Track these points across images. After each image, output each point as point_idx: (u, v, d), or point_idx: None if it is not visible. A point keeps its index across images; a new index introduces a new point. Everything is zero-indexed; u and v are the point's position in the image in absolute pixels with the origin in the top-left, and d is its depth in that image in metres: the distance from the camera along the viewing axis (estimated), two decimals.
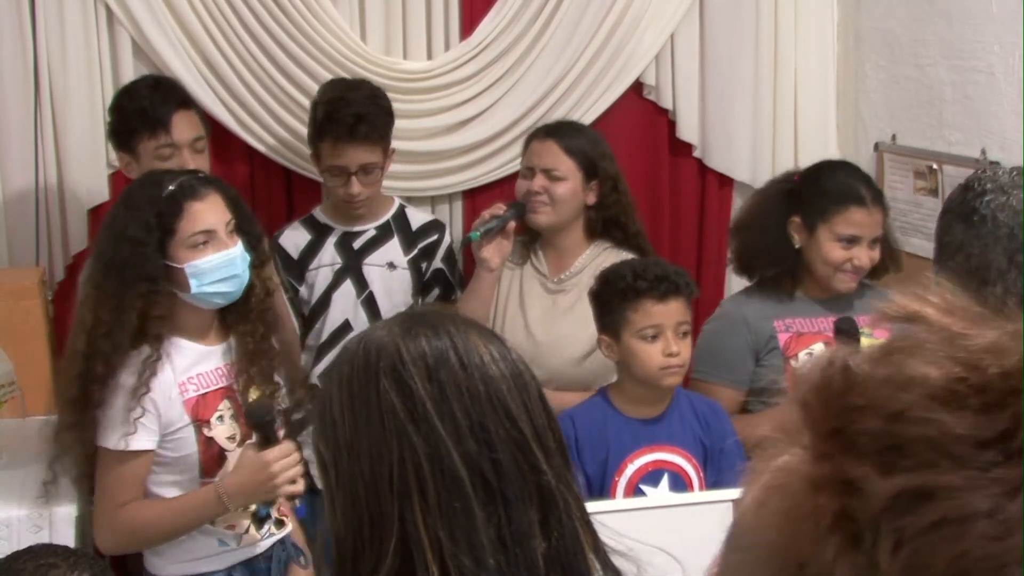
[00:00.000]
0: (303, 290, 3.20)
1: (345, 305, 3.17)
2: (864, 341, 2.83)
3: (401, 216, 3.28)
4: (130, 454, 2.42)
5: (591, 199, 3.07)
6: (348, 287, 3.19)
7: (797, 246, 2.86)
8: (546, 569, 1.19)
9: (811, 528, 0.55)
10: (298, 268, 3.19)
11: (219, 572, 2.53)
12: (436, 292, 3.28)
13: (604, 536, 1.27)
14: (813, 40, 3.71)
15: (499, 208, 3.04)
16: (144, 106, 2.95)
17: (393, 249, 3.23)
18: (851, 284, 2.86)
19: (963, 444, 0.53)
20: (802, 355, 2.83)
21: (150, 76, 3.20)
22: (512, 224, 3.03)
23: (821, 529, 0.54)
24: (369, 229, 3.22)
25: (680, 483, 2.59)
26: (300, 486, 2.41)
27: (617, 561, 1.27)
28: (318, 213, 3.26)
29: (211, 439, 2.46)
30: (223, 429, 2.47)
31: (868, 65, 3.62)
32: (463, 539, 1.16)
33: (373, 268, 3.20)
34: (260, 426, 2.41)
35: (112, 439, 2.41)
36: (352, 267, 3.19)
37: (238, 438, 2.49)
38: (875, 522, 0.53)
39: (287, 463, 2.38)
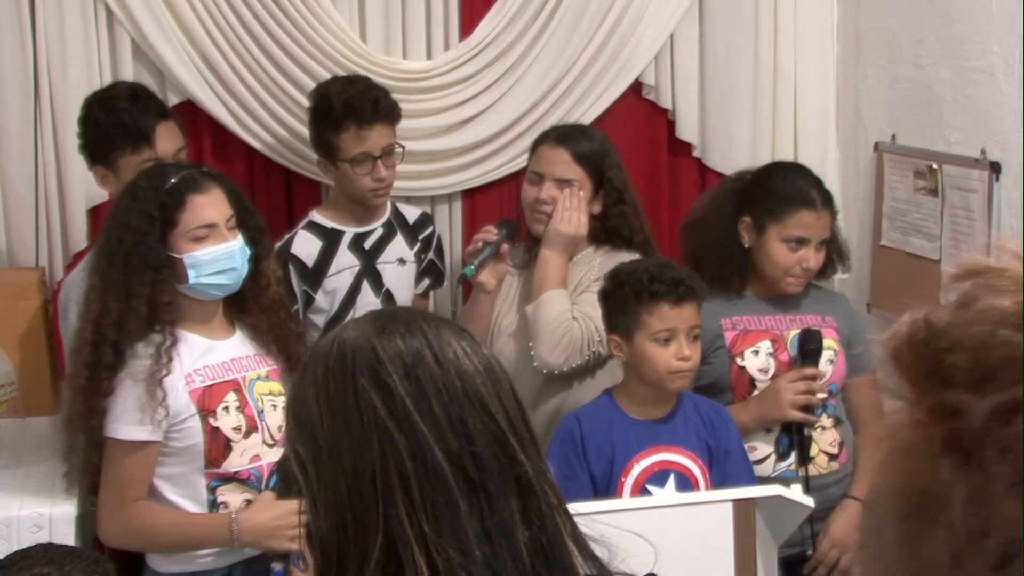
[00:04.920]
0: (320, 298, 3.16)
1: (368, 306, 3.14)
2: (826, 343, 2.88)
3: (397, 212, 3.30)
4: (139, 444, 2.44)
5: (596, 209, 3.03)
6: (367, 287, 3.18)
7: (746, 245, 2.91)
8: (530, 558, 1.20)
9: (925, 458, 0.62)
10: (314, 276, 3.15)
11: (219, 571, 2.54)
12: (427, 282, 3.31)
13: (578, 522, 1.29)
14: (813, 40, 3.71)
15: (490, 232, 3.00)
16: (124, 120, 2.89)
17: (400, 245, 3.24)
18: (799, 287, 2.92)
19: None
20: (747, 353, 2.88)
21: (122, 84, 3.13)
22: (505, 246, 3.01)
23: (934, 456, 0.62)
24: (376, 228, 3.23)
25: (686, 484, 2.59)
26: (296, 545, 2.41)
27: (592, 546, 1.29)
28: (320, 218, 3.22)
29: (217, 429, 2.48)
30: (229, 420, 2.49)
31: (868, 65, 3.62)
32: (449, 532, 1.17)
33: (387, 266, 3.21)
34: (289, 477, 2.42)
35: (122, 430, 2.43)
36: (368, 267, 3.19)
37: (244, 429, 2.50)
38: (980, 437, 0.60)
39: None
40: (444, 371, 1.23)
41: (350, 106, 3.04)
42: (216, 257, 2.46)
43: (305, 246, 3.17)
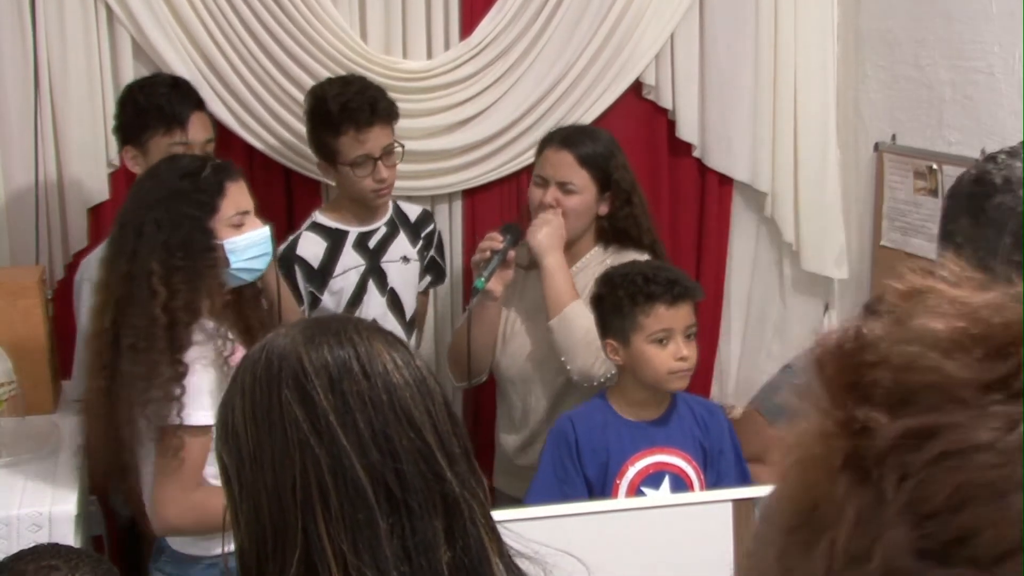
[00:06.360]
0: (326, 298, 3.15)
1: (375, 305, 3.16)
2: None
3: (399, 210, 3.30)
4: (208, 428, 2.39)
5: (603, 210, 3.04)
6: (373, 287, 3.18)
7: None
8: None
9: (823, 471, 0.59)
10: (321, 277, 3.15)
11: None
12: (428, 279, 3.33)
13: (510, 540, 1.26)
14: (813, 40, 3.71)
15: (495, 239, 2.99)
16: (162, 103, 2.97)
17: (403, 243, 3.24)
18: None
19: (966, 388, 0.57)
20: None
21: (164, 74, 3.20)
22: (511, 252, 3.00)
23: (833, 470, 0.59)
24: (380, 227, 3.22)
25: (681, 485, 2.59)
26: None
27: (523, 565, 1.26)
28: (323, 218, 3.21)
29: None
30: None
31: (868, 65, 3.62)
32: (366, 551, 1.15)
33: (391, 264, 3.20)
34: None
35: (196, 415, 2.38)
36: (374, 267, 3.19)
37: None
38: (882, 459, 0.57)
39: None
40: (371, 384, 1.20)
41: (347, 109, 3.03)
42: (254, 242, 2.50)
43: (310, 247, 3.16)
